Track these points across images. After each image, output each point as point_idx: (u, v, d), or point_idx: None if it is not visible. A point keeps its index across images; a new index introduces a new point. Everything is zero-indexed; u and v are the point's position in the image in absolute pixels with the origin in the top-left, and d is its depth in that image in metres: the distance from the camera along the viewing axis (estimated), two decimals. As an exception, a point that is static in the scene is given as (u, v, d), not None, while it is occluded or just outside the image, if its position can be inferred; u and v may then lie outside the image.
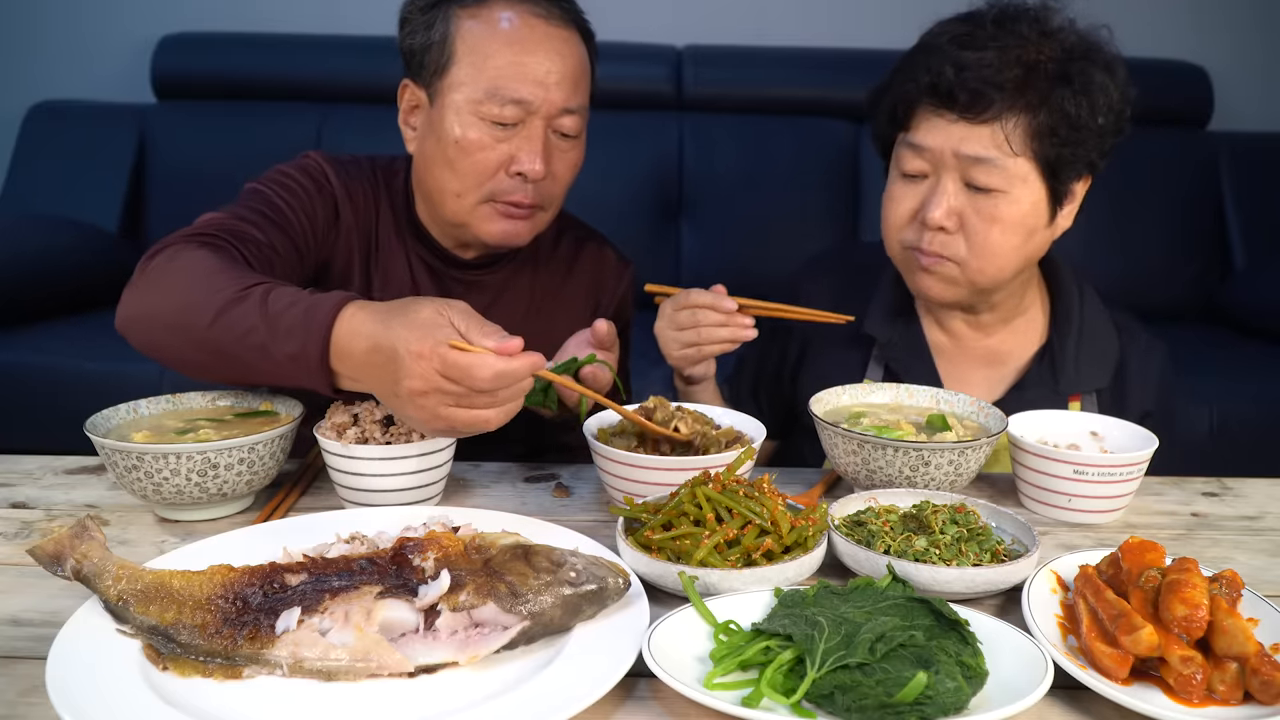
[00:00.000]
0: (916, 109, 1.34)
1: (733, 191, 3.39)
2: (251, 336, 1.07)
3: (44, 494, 1.19)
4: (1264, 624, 0.87)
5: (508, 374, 0.98)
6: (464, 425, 1.01)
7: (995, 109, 1.27)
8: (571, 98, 1.36)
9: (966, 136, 1.29)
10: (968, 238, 1.33)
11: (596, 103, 1.45)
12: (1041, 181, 1.31)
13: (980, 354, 1.49)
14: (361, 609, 0.82)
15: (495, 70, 1.32)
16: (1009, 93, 1.27)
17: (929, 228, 1.33)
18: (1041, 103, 1.27)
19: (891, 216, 1.39)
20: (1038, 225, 1.34)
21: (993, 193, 1.30)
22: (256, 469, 1.11)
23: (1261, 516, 1.20)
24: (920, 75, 1.32)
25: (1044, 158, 1.29)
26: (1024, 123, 1.28)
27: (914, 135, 1.34)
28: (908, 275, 1.42)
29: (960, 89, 1.28)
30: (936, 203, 1.32)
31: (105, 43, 3.62)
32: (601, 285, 1.60)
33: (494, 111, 1.33)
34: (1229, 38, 3.63)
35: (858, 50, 3.54)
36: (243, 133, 3.30)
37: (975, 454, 1.15)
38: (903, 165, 1.36)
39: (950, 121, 1.30)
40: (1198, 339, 3.13)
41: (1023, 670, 0.79)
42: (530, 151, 1.34)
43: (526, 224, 1.41)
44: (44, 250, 2.94)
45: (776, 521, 0.95)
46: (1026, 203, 1.31)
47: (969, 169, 1.30)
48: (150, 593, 0.84)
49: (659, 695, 0.80)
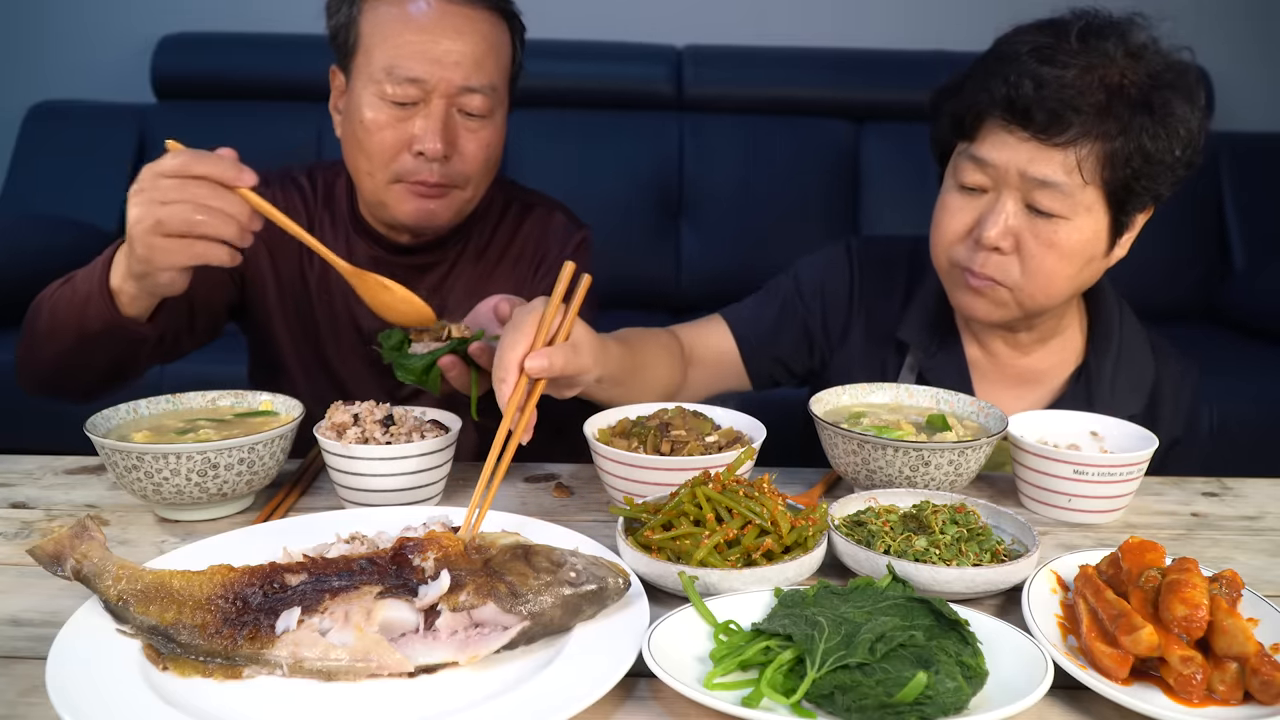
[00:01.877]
0: (986, 121, 1.27)
1: (733, 191, 3.39)
2: (65, 295, 1.22)
3: (44, 494, 1.19)
4: (1264, 624, 0.86)
5: (200, 155, 1.04)
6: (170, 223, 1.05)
7: (1072, 133, 1.21)
8: (473, 76, 1.36)
9: (1036, 158, 1.23)
10: (1022, 261, 1.27)
11: (596, 102, 1.46)
12: (1106, 211, 1.26)
13: (1016, 373, 1.45)
14: (361, 609, 0.82)
15: (393, 50, 1.34)
16: (1088, 117, 1.20)
17: (983, 247, 1.28)
18: (1120, 131, 1.21)
19: (944, 229, 1.33)
20: (1095, 254, 1.29)
21: (1054, 218, 1.25)
22: (256, 469, 1.11)
23: (1261, 516, 1.20)
24: (996, 86, 1.24)
25: (1113, 188, 1.24)
26: (1099, 150, 1.21)
27: (979, 148, 1.27)
28: (953, 292, 1.37)
29: (1038, 108, 1.20)
30: (994, 222, 1.26)
31: (105, 43, 3.62)
32: (545, 247, 1.59)
33: (392, 91, 1.35)
34: (1229, 38, 3.63)
35: (858, 50, 3.54)
36: (243, 133, 3.28)
37: (975, 454, 1.15)
38: (962, 177, 1.30)
39: (1021, 139, 1.23)
40: (1198, 339, 3.13)
41: (1023, 670, 0.79)
42: (428, 131, 1.35)
43: (441, 203, 1.41)
44: (44, 250, 2.94)
45: (776, 521, 0.95)
46: (1088, 231, 1.26)
47: (1033, 191, 1.24)
48: (150, 593, 0.84)
49: (659, 695, 0.80)
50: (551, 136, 3.43)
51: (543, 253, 1.58)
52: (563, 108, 3.46)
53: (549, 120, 3.45)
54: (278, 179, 1.55)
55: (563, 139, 3.42)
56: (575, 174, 3.32)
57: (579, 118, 3.46)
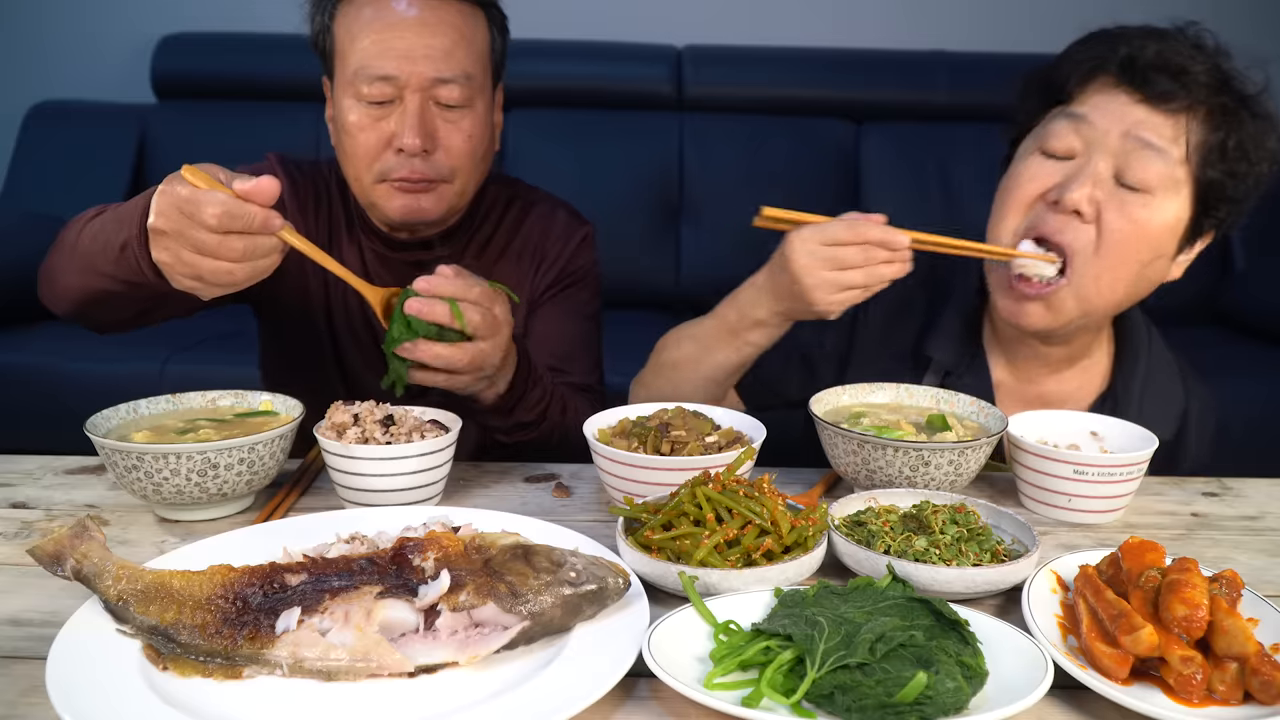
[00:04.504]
0: (1093, 81, 1.24)
1: (733, 191, 3.40)
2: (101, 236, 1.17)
3: (44, 494, 1.19)
4: (1264, 624, 0.87)
5: (236, 214, 0.99)
6: (208, 274, 1.03)
7: (1185, 99, 1.19)
8: (445, 67, 1.36)
9: (1145, 120, 1.20)
10: (1101, 233, 1.23)
11: (597, 102, 1.46)
12: (1190, 203, 1.24)
13: (1039, 396, 1.42)
14: (361, 609, 0.82)
15: (362, 50, 1.35)
16: (1205, 90, 1.19)
17: (1063, 209, 1.22)
18: (1225, 116, 1.21)
19: (1019, 192, 1.28)
20: (1165, 251, 1.26)
21: (1141, 193, 1.22)
22: (256, 469, 1.11)
23: (1261, 516, 1.20)
24: (1116, 47, 1.22)
25: (1204, 176, 1.23)
26: (1203, 130, 1.21)
27: (1080, 106, 1.24)
28: (999, 296, 1.31)
29: (1158, 70, 1.19)
30: (1081, 182, 1.21)
31: (105, 43, 3.62)
32: (546, 242, 1.59)
33: (366, 91, 1.35)
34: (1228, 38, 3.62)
35: (858, 50, 3.54)
36: (243, 133, 3.31)
37: (975, 454, 1.15)
38: (1051, 141, 1.26)
39: (1132, 100, 1.21)
40: (1198, 339, 3.13)
41: (1023, 670, 0.79)
42: (404, 126, 1.35)
43: (428, 198, 1.41)
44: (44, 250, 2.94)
45: (776, 521, 0.95)
46: (1170, 216, 1.23)
47: (1130, 156, 1.21)
48: (150, 593, 0.84)
49: (659, 695, 0.80)
50: (551, 136, 3.43)
51: (545, 249, 1.59)
52: (563, 108, 3.46)
53: (549, 120, 3.45)
54: (309, 166, 1.56)
55: (563, 139, 3.42)
56: (575, 174, 3.32)
57: (579, 118, 3.46)
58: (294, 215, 1.50)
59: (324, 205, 1.54)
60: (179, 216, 1.00)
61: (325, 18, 1.41)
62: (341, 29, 1.39)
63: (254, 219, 1.01)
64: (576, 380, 1.54)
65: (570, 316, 1.59)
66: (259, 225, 1.01)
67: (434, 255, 1.52)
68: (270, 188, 1.00)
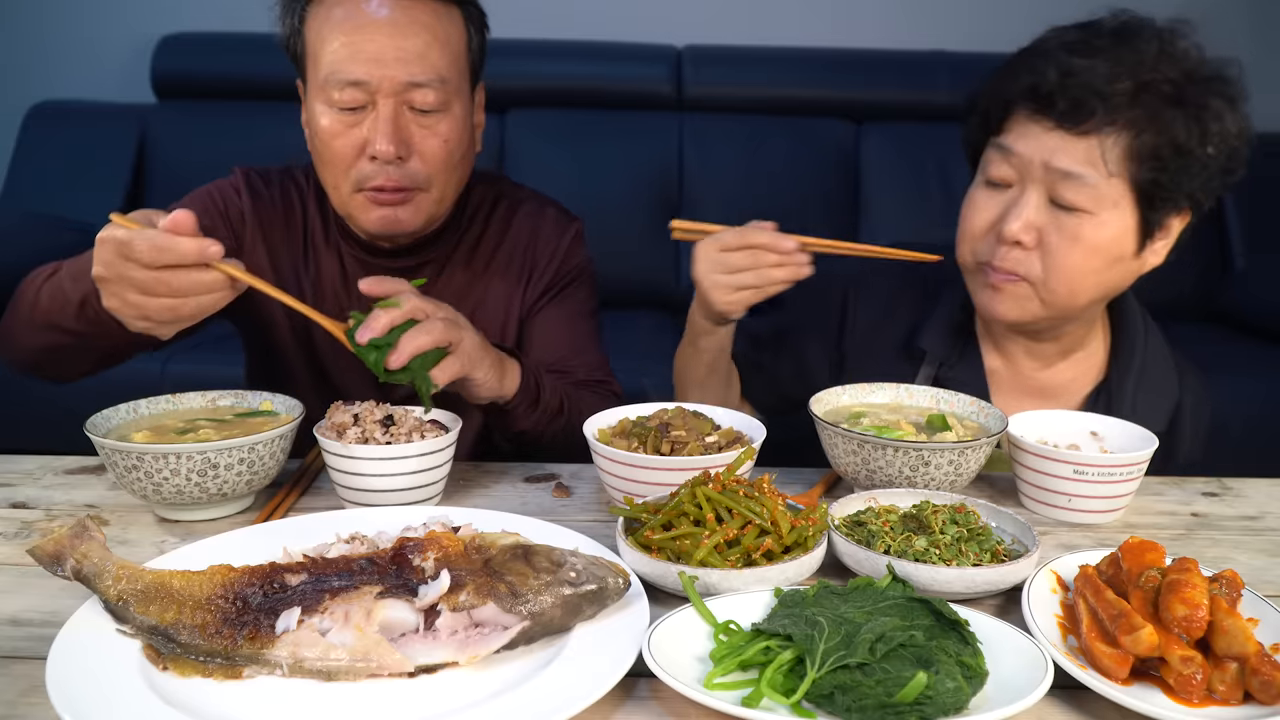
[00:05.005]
0: (1012, 112, 1.26)
1: (733, 191, 3.40)
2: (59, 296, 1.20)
3: (44, 494, 1.19)
4: (1264, 624, 0.87)
5: (165, 247, 1.00)
6: (153, 313, 1.04)
7: (1095, 121, 1.19)
8: (417, 71, 1.32)
9: (1060, 148, 1.21)
10: (1045, 256, 1.25)
11: (596, 102, 1.45)
12: (1134, 209, 1.23)
13: (1034, 386, 1.43)
14: (361, 609, 0.82)
15: (333, 54, 1.31)
16: (1114, 106, 1.18)
17: (1004, 241, 1.26)
18: (1149, 122, 1.19)
19: (969, 225, 1.32)
20: (1122, 255, 1.26)
21: (1079, 212, 1.23)
22: (256, 469, 1.11)
23: (1261, 516, 1.20)
24: (1022, 76, 1.24)
25: (1140, 182, 1.21)
26: (1125, 141, 1.19)
27: (1006, 139, 1.26)
28: (976, 292, 1.35)
29: (1061, 95, 1.20)
30: (1016, 214, 1.24)
31: (105, 43, 3.62)
32: (536, 245, 1.56)
33: (338, 97, 1.32)
34: (1228, 38, 3.62)
35: (858, 50, 3.54)
36: (243, 133, 3.31)
37: (975, 454, 1.15)
38: (989, 171, 1.29)
39: (1046, 129, 1.22)
40: (1198, 339, 3.13)
41: (1023, 670, 0.79)
42: (377, 132, 1.31)
43: (405, 209, 1.37)
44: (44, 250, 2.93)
45: (776, 521, 0.95)
46: (1114, 228, 1.23)
47: (1057, 184, 1.22)
48: (150, 593, 0.84)
49: (659, 695, 0.80)
50: (551, 136, 3.43)
51: (535, 255, 1.55)
52: (563, 108, 3.47)
53: (549, 120, 3.45)
54: (277, 176, 1.53)
55: (563, 139, 3.42)
56: (575, 174, 3.33)
57: (579, 118, 3.46)
58: (255, 232, 1.47)
59: (297, 214, 1.50)
60: (117, 260, 1.03)
61: (295, 20, 1.37)
62: (312, 31, 1.35)
63: (185, 252, 1.01)
64: (583, 377, 1.52)
65: (570, 317, 1.56)
66: (192, 256, 1.02)
67: (419, 261, 1.49)
68: (184, 219, 1.02)
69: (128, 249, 1.01)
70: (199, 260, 1.02)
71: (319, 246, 1.50)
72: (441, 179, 1.39)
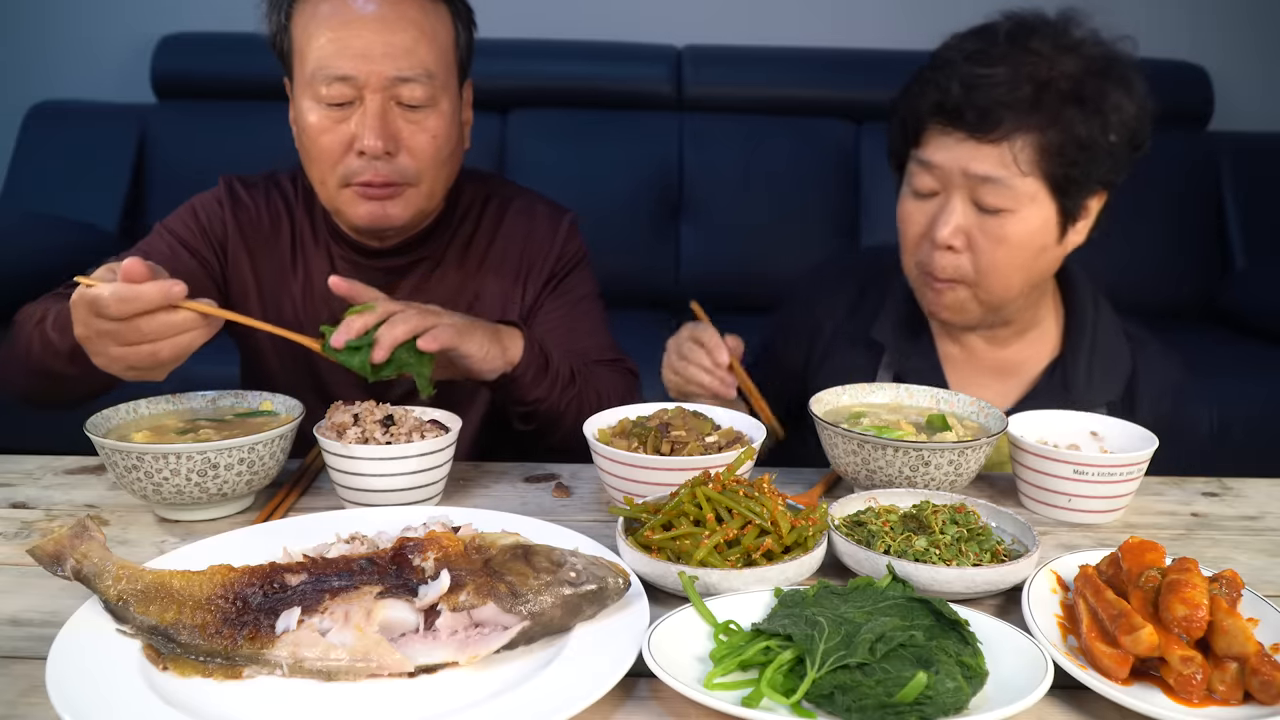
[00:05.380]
0: (926, 126, 1.33)
1: (733, 191, 3.39)
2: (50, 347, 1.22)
3: (44, 494, 1.19)
4: (1264, 624, 0.87)
5: (128, 297, 1.02)
6: (138, 362, 1.06)
7: (1004, 128, 1.25)
8: (405, 66, 1.32)
9: (974, 155, 1.28)
10: (975, 258, 1.32)
11: (596, 102, 1.44)
12: (1051, 200, 1.29)
13: (991, 365, 1.48)
14: (361, 609, 0.82)
15: (320, 50, 1.32)
16: (1018, 112, 1.25)
17: (937, 247, 1.33)
18: (1051, 122, 1.25)
19: (905, 236, 1.39)
20: (1047, 243, 1.33)
21: (1001, 212, 1.29)
22: (256, 469, 1.11)
23: (1261, 516, 1.20)
24: (929, 92, 1.31)
25: (1053, 177, 1.28)
26: (1033, 142, 1.26)
27: (924, 152, 1.33)
28: (921, 295, 1.41)
29: (968, 107, 1.26)
30: (944, 221, 1.31)
31: (105, 43, 3.62)
32: (529, 245, 1.55)
33: (325, 92, 1.32)
34: (1228, 37, 3.63)
35: (858, 50, 3.54)
36: (243, 133, 3.30)
37: (975, 454, 1.15)
38: (914, 182, 1.36)
39: (958, 140, 1.29)
40: (1198, 339, 3.13)
41: (1023, 670, 0.79)
42: (365, 127, 1.32)
43: (395, 204, 1.37)
44: (44, 250, 2.95)
45: (776, 521, 0.95)
46: (1036, 221, 1.30)
47: (977, 188, 1.29)
48: (150, 593, 0.84)
49: (659, 695, 0.80)
50: (551, 136, 3.43)
51: (529, 255, 1.54)
52: (563, 108, 3.46)
53: (549, 120, 3.45)
54: (262, 183, 1.53)
55: (563, 139, 3.42)
56: (575, 174, 3.32)
57: (579, 118, 3.46)
58: (238, 242, 1.48)
59: (284, 219, 1.51)
60: (89, 318, 1.05)
61: (282, 16, 1.37)
62: (298, 28, 1.35)
63: (150, 298, 1.02)
64: (596, 358, 1.51)
65: (573, 304, 1.55)
66: (157, 300, 1.03)
67: (410, 260, 1.49)
68: (134, 268, 1.03)
69: (97, 306, 1.03)
70: (164, 303, 1.03)
71: (308, 250, 1.50)
72: (430, 174, 1.39)
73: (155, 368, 1.08)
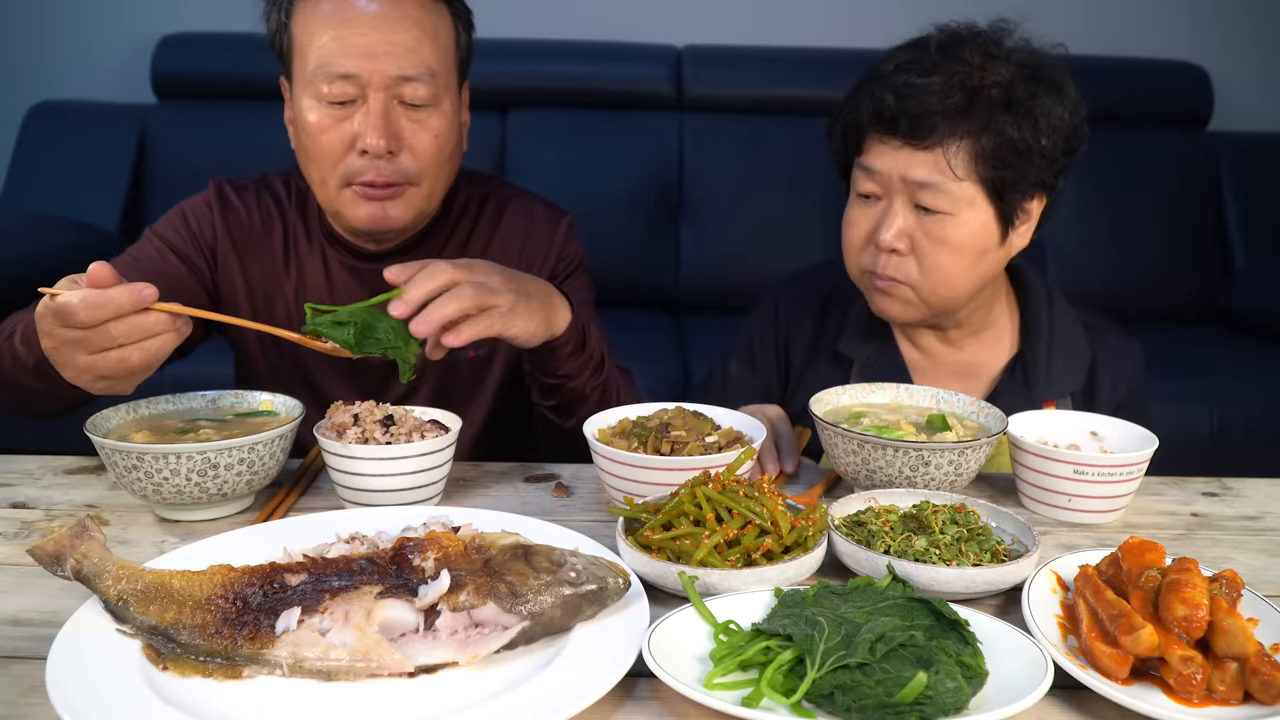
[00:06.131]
0: (865, 135, 1.37)
1: (733, 191, 3.39)
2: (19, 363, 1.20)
3: (44, 494, 1.19)
4: (1264, 624, 0.87)
5: (98, 302, 0.99)
6: (106, 370, 1.03)
7: (936, 135, 1.29)
8: (408, 65, 1.32)
9: (911, 161, 1.32)
10: (919, 260, 1.36)
11: (596, 102, 1.45)
12: (989, 204, 1.33)
13: (953, 367, 1.51)
14: (361, 609, 0.82)
15: (322, 48, 1.31)
16: (950, 118, 1.29)
17: (881, 249, 1.36)
18: (983, 128, 1.29)
19: (849, 239, 1.43)
20: (988, 246, 1.36)
21: (940, 215, 1.33)
22: (256, 469, 1.11)
23: (1261, 516, 1.20)
24: (866, 102, 1.35)
25: (989, 181, 1.31)
26: (966, 147, 1.30)
27: (865, 159, 1.38)
28: (868, 297, 1.45)
29: (902, 116, 1.30)
30: (887, 224, 1.35)
31: (105, 43, 3.62)
32: (530, 242, 1.54)
33: (327, 91, 1.31)
34: (1229, 38, 3.63)
35: (858, 50, 3.52)
36: (243, 133, 3.30)
37: (975, 454, 1.15)
38: (858, 187, 1.40)
39: (895, 148, 1.33)
40: (1198, 339, 3.13)
41: (1023, 670, 0.79)
42: (368, 126, 1.31)
43: (396, 204, 1.37)
44: (44, 250, 2.95)
45: (776, 521, 0.95)
46: (975, 224, 1.33)
47: (916, 192, 1.33)
48: (150, 593, 0.84)
49: (659, 695, 0.80)
50: (551, 137, 3.43)
51: (530, 250, 1.54)
52: (563, 108, 3.46)
53: (548, 120, 3.45)
54: (252, 185, 1.53)
55: (562, 139, 3.42)
56: (575, 174, 3.32)
57: (579, 118, 3.46)
58: (227, 245, 1.47)
59: (276, 221, 1.50)
60: (57, 328, 1.02)
61: (282, 15, 1.36)
62: (299, 26, 1.34)
63: (121, 302, 1.00)
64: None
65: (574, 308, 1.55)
66: (128, 304, 1.00)
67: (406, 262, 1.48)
68: (101, 273, 1.00)
69: (65, 314, 1.00)
70: (136, 306, 1.01)
71: (301, 252, 1.49)
72: (432, 174, 1.38)
73: (124, 376, 1.05)
